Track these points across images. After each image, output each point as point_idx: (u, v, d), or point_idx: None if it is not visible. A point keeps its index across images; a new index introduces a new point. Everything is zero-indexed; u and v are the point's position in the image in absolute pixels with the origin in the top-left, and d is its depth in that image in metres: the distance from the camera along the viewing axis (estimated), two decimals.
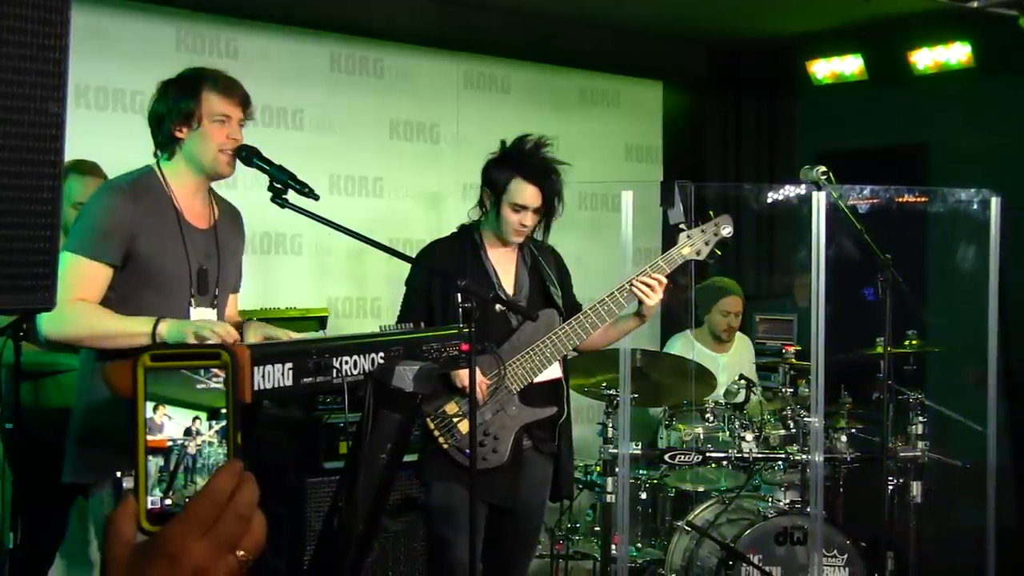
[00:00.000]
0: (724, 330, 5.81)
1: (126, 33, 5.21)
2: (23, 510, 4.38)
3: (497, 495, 3.80)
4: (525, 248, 4.02)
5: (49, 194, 1.62)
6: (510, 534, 3.92)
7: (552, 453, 3.98)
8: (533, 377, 3.79)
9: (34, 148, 1.59)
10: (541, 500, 4.02)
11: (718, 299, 5.82)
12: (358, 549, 2.61)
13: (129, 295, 3.08)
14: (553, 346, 3.79)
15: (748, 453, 4.74)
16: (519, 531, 3.94)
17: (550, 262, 4.07)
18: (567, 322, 3.81)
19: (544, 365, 3.79)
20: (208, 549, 0.96)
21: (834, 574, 4.59)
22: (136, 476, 1.04)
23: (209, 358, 1.05)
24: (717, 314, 5.82)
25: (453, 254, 3.90)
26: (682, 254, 3.91)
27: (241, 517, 0.98)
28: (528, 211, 3.85)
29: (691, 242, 3.93)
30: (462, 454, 3.70)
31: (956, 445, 5.24)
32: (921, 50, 6.47)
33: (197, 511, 0.97)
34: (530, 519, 3.96)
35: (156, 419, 1.04)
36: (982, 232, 4.90)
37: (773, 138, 7.49)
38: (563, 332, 3.79)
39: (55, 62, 1.60)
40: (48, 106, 1.60)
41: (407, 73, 6.17)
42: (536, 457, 3.92)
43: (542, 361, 3.78)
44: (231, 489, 0.98)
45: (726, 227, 3.95)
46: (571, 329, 3.79)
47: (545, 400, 3.88)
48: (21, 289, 1.59)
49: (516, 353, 3.76)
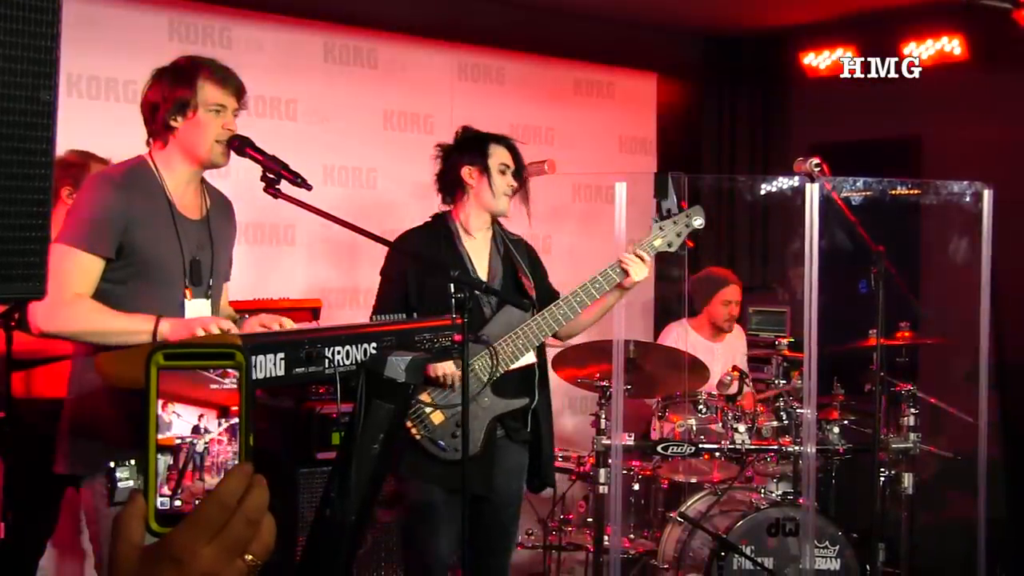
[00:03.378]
0: (726, 320, 5.82)
1: (118, 22, 5.19)
2: (13, 501, 4.38)
3: (472, 485, 3.80)
4: (498, 237, 4.04)
5: (40, 183, 1.62)
6: (488, 523, 3.91)
7: (526, 441, 3.98)
8: (507, 367, 3.79)
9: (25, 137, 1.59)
10: (517, 488, 4.01)
11: (718, 289, 5.83)
12: (351, 539, 2.61)
13: (123, 287, 3.06)
14: (529, 334, 3.78)
15: (741, 444, 4.75)
16: (497, 521, 3.92)
17: (523, 253, 4.08)
18: (546, 308, 3.80)
19: (518, 356, 3.78)
20: (216, 554, 0.96)
21: (826, 565, 4.61)
22: (146, 476, 1.03)
23: (222, 358, 1.04)
24: (719, 304, 5.82)
25: (428, 243, 3.91)
26: (654, 246, 3.91)
27: (250, 522, 0.98)
28: (509, 172, 3.95)
29: (663, 233, 3.92)
30: (435, 446, 3.70)
31: (948, 437, 5.26)
32: (915, 42, 6.47)
33: (206, 515, 0.97)
34: (506, 508, 3.95)
35: (164, 417, 1.04)
36: (975, 224, 4.91)
37: (767, 129, 7.50)
38: (541, 320, 3.78)
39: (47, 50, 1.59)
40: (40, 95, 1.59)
41: (401, 64, 6.16)
42: (509, 445, 3.92)
43: (516, 351, 3.77)
44: (241, 492, 0.98)
45: (697, 218, 3.94)
46: (550, 316, 3.78)
47: (518, 390, 3.87)
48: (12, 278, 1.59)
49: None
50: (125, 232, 3.04)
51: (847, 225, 4.47)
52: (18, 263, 1.59)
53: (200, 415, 1.04)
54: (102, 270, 3.04)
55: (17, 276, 1.59)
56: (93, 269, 3.03)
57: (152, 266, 3.10)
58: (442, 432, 3.69)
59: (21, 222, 1.59)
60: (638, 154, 7.20)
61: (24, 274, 1.60)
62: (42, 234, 1.63)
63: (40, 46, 1.58)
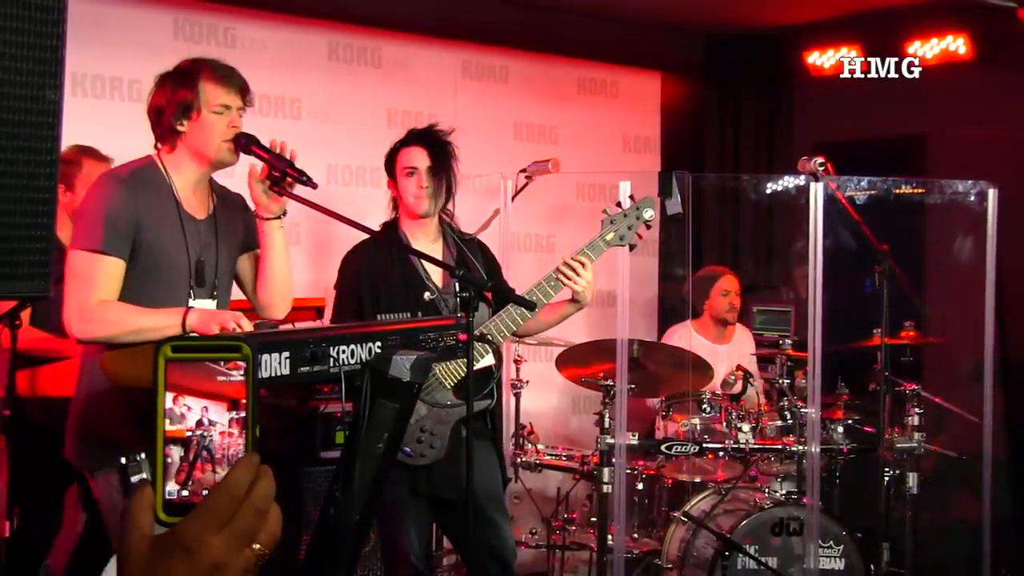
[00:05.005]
0: (728, 311, 5.81)
1: (123, 21, 5.19)
2: (22, 500, 4.38)
3: (442, 490, 3.78)
4: (450, 239, 4.02)
5: (46, 182, 1.62)
6: (477, 521, 3.83)
7: (491, 438, 3.98)
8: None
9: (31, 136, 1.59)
10: (495, 481, 3.98)
11: (714, 282, 5.83)
12: (355, 539, 2.61)
13: (130, 285, 3.06)
14: (489, 335, 3.74)
15: (745, 444, 4.74)
16: (484, 516, 3.84)
17: (476, 253, 4.05)
18: (504, 310, 3.71)
19: (480, 356, 3.74)
20: (226, 543, 0.97)
21: (830, 565, 4.60)
22: (154, 466, 1.04)
23: (229, 350, 1.05)
24: (717, 297, 5.82)
25: (380, 252, 3.91)
26: (606, 240, 3.80)
27: (258, 511, 0.99)
28: (419, 172, 3.90)
29: (614, 227, 3.80)
30: (401, 452, 3.65)
31: (952, 436, 5.26)
32: (919, 41, 6.47)
33: (215, 505, 0.98)
34: (489, 502, 3.89)
35: (176, 409, 1.05)
36: (979, 223, 4.91)
37: (771, 128, 7.49)
38: (499, 320, 3.72)
39: (52, 49, 1.59)
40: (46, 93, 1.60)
41: (405, 62, 6.17)
42: (477, 444, 3.87)
43: (477, 352, 3.74)
44: (249, 483, 0.99)
45: (648, 210, 3.78)
46: (508, 317, 3.70)
47: (478, 390, 3.85)
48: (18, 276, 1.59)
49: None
50: (136, 231, 3.05)
51: (851, 224, 4.47)
52: (23, 262, 1.59)
53: (204, 407, 1.05)
54: (123, 271, 3.04)
55: (22, 275, 1.59)
56: (116, 272, 3.03)
57: (159, 266, 3.10)
58: (408, 438, 3.67)
59: (26, 221, 1.59)
60: (642, 153, 7.19)
61: (29, 272, 1.60)
62: (47, 233, 1.63)
63: (46, 45, 1.58)
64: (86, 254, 3.00)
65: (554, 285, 3.75)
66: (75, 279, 2.98)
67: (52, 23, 1.59)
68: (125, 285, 3.05)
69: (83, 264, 2.99)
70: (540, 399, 5.93)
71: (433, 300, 3.85)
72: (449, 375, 3.76)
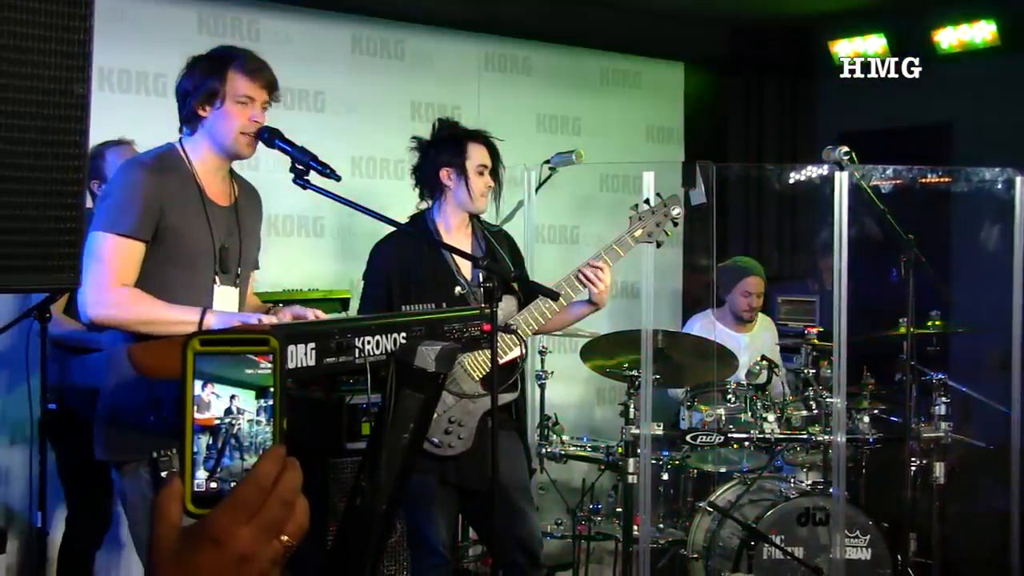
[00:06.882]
0: (745, 311, 5.79)
1: (148, 16, 5.23)
2: (70, 493, 4.42)
3: (469, 480, 3.80)
4: (478, 232, 4.03)
5: (74, 175, 1.63)
6: (503, 510, 3.83)
7: (517, 429, 4.01)
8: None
9: (59, 129, 1.61)
10: (522, 471, 4.00)
11: (739, 280, 5.80)
12: (381, 529, 2.63)
13: (154, 271, 3.07)
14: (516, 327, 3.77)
15: (770, 434, 4.73)
16: (511, 505, 3.86)
17: (504, 245, 4.06)
18: (526, 307, 3.78)
19: (509, 348, 3.77)
20: (254, 534, 0.98)
21: (856, 555, 4.59)
22: (183, 458, 1.05)
23: (257, 344, 1.06)
24: (738, 295, 5.80)
25: (410, 245, 3.91)
26: (635, 237, 3.87)
27: (285, 503, 1.00)
28: (487, 172, 3.94)
29: (642, 224, 3.87)
30: (429, 442, 3.67)
31: (980, 426, 5.22)
32: (945, 28, 6.42)
33: (243, 497, 0.99)
34: (514, 490, 3.90)
35: (204, 397, 1.06)
36: (1007, 211, 4.87)
37: (795, 118, 7.45)
38: (527, 313, 3.76)
39: (80, 43, 1.61)
40: (74, 88, 1.61)
41: (429, 55, 6.17)
42: (503, 434, 3.89)
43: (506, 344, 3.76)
44: (276, 474, 1.00)
45: (675, 208, 3.89)
46: (529, 315, 3.76)
47: (504, 382, 3.86)
48: (49, 269, 1.61)
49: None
50: (160, 215, 3.06)
51: (877, 213, 4.44)
52: (54, 254, 1.61)
53: (232, 395, 1.06)
54: (143, 254, 3.06)
55: (53, 267, 1.61)
56: (135, 255, 3.05)
57: (183, 251, 3.11)
58: (435, 429, 3.69)
59: (56, 213, 1.61)
60: (665, 143, 7.18)
61: (60, 265, 1.62)
62: (76, 225, 1.65)
63: (73, 39, 1.60)
64: (108, 235, 3.01)
65: (573, 287, 3.81)
66: (95, 260, 2.99)
67: (79, 18, 1.61)
68: (147, 269, 3.06)
69: (104, 246, 3.00)
70: (565, 390, 5.94)
71: (464, 295, 3.86)
72: (477, 367, 3.78)
